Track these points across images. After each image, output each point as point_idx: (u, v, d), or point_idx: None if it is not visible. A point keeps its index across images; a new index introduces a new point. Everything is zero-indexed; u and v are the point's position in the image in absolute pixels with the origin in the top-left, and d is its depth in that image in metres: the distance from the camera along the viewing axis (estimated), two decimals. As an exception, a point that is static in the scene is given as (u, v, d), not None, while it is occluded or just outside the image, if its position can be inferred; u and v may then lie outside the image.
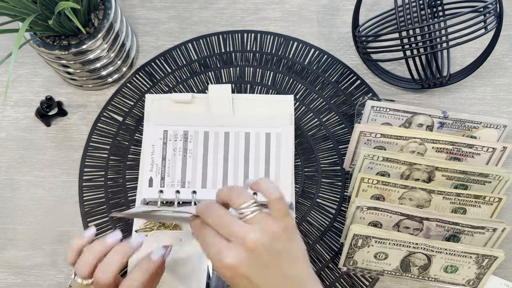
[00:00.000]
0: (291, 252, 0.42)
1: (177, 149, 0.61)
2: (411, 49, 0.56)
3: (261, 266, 0.40)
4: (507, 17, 0.69)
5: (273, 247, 0.40)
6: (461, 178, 0.56)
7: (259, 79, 0.66)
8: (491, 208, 0.56)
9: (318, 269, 0.58)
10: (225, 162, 0.60)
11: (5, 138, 0.64)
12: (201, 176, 0.59)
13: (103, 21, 0.58)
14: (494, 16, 0.56)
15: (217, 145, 0.61)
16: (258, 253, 0.40)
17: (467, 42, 0.55)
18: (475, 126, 0.59)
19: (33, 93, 0.66)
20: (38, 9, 0.51)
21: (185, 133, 0.62)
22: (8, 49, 0.69)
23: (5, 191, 0.62)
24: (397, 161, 0.56)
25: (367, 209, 0.54)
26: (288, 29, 0.69)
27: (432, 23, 0.54)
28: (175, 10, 0.70)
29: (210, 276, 0.56)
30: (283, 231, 0.41)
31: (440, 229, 0.55)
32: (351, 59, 0.67)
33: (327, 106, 0.65)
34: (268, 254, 0.40)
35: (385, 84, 0.66)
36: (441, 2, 0.65)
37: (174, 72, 0.67)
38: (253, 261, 0.40)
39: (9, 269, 0.59)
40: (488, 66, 0.67)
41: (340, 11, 0.70)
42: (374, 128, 0.57)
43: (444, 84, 0.62)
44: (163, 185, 0.60)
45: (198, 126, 0.62)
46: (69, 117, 0.65)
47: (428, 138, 0.57)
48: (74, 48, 0.56)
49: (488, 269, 0.54)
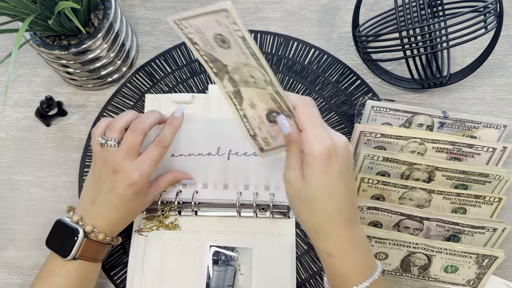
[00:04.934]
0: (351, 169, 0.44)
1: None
2: (411, 49, 0.56)
3: (348, 165, 0.42)
4: (507, 17, 0.69)
5: (352, 159, 0.44)
6: (461, 178, 0.56)
7: (259, 79, 0.66)
8: (491, 208, 0.56)
9: (318, 269, 0.58)
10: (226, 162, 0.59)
11: (5, 138, 0.64)
12: (202, 175, 0.59)
13: (103, 21, 0.58)
14: (494, 16, 0.56)
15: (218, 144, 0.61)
16: (350, 153, 0.42)
17: (467, 42, 0.55)
18: (475, 126, 0.59)
19: (33, 93, 0.66)
20: (38, 9, 0.51)
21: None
22: (8, 49, 0.69)
23: (5, 191, 0.62)
24: (397, 161, 0.56)
25: (367, 209, 0.54)
26: (288, 29, 0.69)
27: (432, 23, 0.54)
28: (175, 10, 0.70)
29: (210, 276, 0.56)
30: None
31: (440, 229, 0.55)
32: (351, 59, 0.67)
33: (327, 106, 0.65)
34: (351, 161, 0.43)
35: (385, 84, 0.66)
36: (441, 2, 0.65)
37: (174, 72, 0.67)
38: (347, 158, 0.42)
39: (9, 269, 0.59)
40: (488, 66, 0.67)
41: (340, 11, 0.70)
42: (374, 128, 0.57)
43: (444, 84, 0.62)
44: (163, 185, 0.60)
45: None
46: (69, 117, 0.65)
47: (428, 138, 0.57)
48: (74, 48, 0.56)
49: (488, 269, 0.54)
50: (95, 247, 0.51)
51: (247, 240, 0.57)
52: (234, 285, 0.56)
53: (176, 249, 0.57)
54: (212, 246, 0.57)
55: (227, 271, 0.56)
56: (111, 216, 0.51)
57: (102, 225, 0.50)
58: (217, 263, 0.56)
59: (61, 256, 0.49)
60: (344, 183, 0.41)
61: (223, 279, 0.55)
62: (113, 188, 0.50)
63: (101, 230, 0.50)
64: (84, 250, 0.49)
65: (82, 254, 0.49)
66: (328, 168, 0.40)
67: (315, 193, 0.41)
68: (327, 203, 0.41)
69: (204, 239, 0.57)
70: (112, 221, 0.51)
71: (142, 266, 0.57)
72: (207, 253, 0.57)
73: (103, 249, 0.52)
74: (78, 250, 0.49)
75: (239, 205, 0.57)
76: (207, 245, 0.57)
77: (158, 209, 0.58)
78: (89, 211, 0.51)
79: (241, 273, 0.56)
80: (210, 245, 0.57)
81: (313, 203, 0.41)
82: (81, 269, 0.50)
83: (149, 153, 0.51)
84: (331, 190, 0.40)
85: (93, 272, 0.52)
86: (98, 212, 0.50)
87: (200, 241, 0.57)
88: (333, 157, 0.40)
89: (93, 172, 0.52)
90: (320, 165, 0.40)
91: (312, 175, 0.40)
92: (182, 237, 0.58)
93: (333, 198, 0.41)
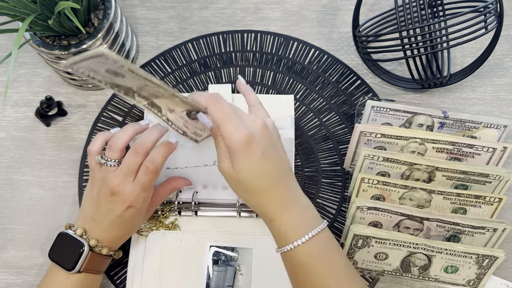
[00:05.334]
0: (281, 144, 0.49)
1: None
2: (411, 49, 0.56)
3: (269, 143, 0.46)
4: (508, 17, 0.69)
5: (276, 133, 0.48)
6: (461, 178, 0.56)
7: (259, 79, 0.66)
8: (491, 208, 0.56)
9: (318, 269, 0.58)
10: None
11: (5, 138, 0.64)
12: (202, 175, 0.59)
13: (103, 21, 0.58)
14: (494, 16, 0.56)
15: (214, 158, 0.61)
16: (269, 132, 0.46)
17: (467, 42, 0.55)
18: (475, 126, 0.59)
19: (32, 93, 0.66)
20: (38, 9, 0.51)
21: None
22: (8, 49, 0.69)
23: (5, 191, 0.62)
24: (398, 161, 0.56)
25: (367, 209, 0.54)
26: (288, 29, 0.69)
27: (432, 23, 0.54)
28: (175, 10, 0.70)
29: (210, 276, 0.56)
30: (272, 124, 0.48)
31: (441, 229, 0.55)
32: (351, 59, 0.67)
33: (327, 106, 0.65)
34: (274, 136, 0.47)
35: (385, 84, 0.66)
36: (441, 2, 0.65)
37: (174, 72, 0.67)
38: (266, 138, 0.45)
39: (9, 269, 0.59)
40: (488, 66, 0.67)
41: (340, 11, 0.70)
42: (374, 128, 0.57)
43: (444, 84, 0.62)
44: (163, 185, 0.59)
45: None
46: (69, 117, 0.65)
47: (428, 138, 0.57)
48: (74, 48, 0.56)
49: (489, 269, 0.54)
50: (99, 260, 0.51)
51: (247, 240, 0.57)
52: (234, 285, 0.56)
53: (176, 249, 0.57)
54: (212, 246, 0.57)
55: (227, 271, 0.56)
56: (113, 233, 0.51)
57: (105, 240, 0.51)
58: (217, 263, 0.56)
59: (65, 269, 0.49)
60: (270, 160, 0.45)
61: (223, 279, 0.55)
62: (112, 209, 0.49)
63: (104, 244, 0.51)
64: (89, 263, 0.50)
65: (87, 267, 0.50)
66: (250, 154, 0.44)
67: (244, 177, 0.45)
68: (256, 182, 0.45)
69: (204, 239, 0.57)
70: (114, 236, 0.51)
71: (142, 266, 0.57)
72: (207, 253, 0.57)
73: (105, 261, 0.52)
74: (83, 264, 0.49)
75: (239, 205, 0.57)
76: (207, 245, 0.57)
77: (158, 209, 0.58)
78: (91, 226, 0.51)
79: (241, 273, 0.56)
80: (210, 245, 0.57)
81: (246, 185, 0.45)
82: (84, 281, 0.50)
83: (140, 179, 0.49)
84: (257, 171, 0.45)
85: (96, 284, 0.53)
86: (100, 228, 0.51)
87: (200, 241, 0.57)
88: (252, 143, 0.44)
89: (92, 190, 0.51)
90: (242, 154, 0.44)
91: (238, 163, 0.44)
92: (182, 237, 0.58)
93: (261, 175, 0.45)
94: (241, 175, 0.45)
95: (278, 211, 0.46)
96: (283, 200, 0.46)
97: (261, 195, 0.46)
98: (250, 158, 0.44)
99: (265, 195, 0.46)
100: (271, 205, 0.46)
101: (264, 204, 0.46)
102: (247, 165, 0.44)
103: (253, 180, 0.45)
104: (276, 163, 0.46)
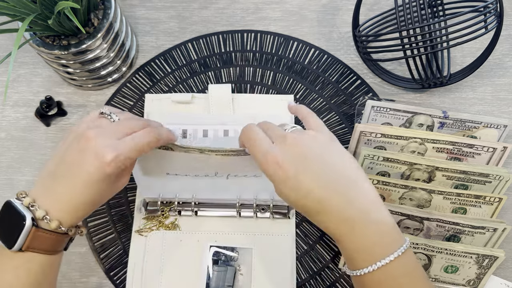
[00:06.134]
0: (333, 148, 0.43)
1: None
2: (411, 48, 0.56)
3: (301, 157, 0.41)
4: (508, 17, 0.69)
5: (313, 143, 0.42)
6: (461, 178, 0.56)
7: (259, 79, 0.66)
8: (491, 208, 0.56)
9: (318, 269, 0.58)
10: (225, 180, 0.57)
11: (5, 138, 0.64)
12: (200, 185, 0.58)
13: (102, 21, 0.58)
14: (494, 15, 0.56)
15: (216, 143, 0.61)
16: (297, 146, 0.42)
17: (467, 42, 0.55)
18: (475, 126, 0.59)
19: (32, 93, 0.66)
20: (38, 9, 0.51)
21: (184, 131, 0.62)
22: (8, 49, 0.69)
23: (5, 191, 0.62)
24: (398, 161, 0.56)
25: (367, 209, 0.54)
26: (288, 29, 0.69)
27: (432, 23, 0.54)
28: (175, 10, 0.70)
29: (210, 276, 0.56)
30: (322, 134, 0.44)
31: (441, 229, 0.55)
32: (351, 59, 0.67)
33: (327, 106, 0.65)
34: (307, 147, 0.42)
35: (385, 84, 0.66)
36: (441, 2, 0.65)
37: (174, 72, 0.67)
38: (293, 154, 0.41)
39: (9, 269, 0.59)
40: (488, 66, 0.67)
41: (340, 11, 0.70)
42: (374, 128, 0.57)
43: (444, 84, 0.62)
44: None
45: (198, 125, 0.62)
46: (69, 117, 0.65)
47: (428, 138, 0.57)
48: (73, 48, 0.56)
49: (489, 269, 0.54)
50: (48, 238, 0.41)
51: (247, 240, 0.57)
52: (234, 285, 0.56)
53: (176, 249, 0.57)
54: (212, 246, 0.57)
55: (227, 271, 0.56)
56: (73, 199, 0.41)
57: (60, 210, 0.41)
58: (217, 263, 0.56)
59: (6, 247, 0.41)
60: (310, 175, 0.41)
61: (223, 279, 0.55)
62: (80, 161, 0.41)
63: (55, 216, 0.41)
64: (33, 240, 0.40)
65: (31, 246, 0.40)
66: (284, 177, 0.41)
67: (292, 201, 0.41)
68: (302, 202, 0.41)
69: (204, 239, 0.57)
70: (73, 205, 0.41)
71: (142, 266, 0.57)
72: (207, 253, 0.56)
73: (57, 239, 0.42)
74: (26, 241, 0.40)
75: (239, 205, 0.57)
76: (207, 245, 0.57)
77: (158, 209, 0.58)
78: (47, 189, 0.42)
79: (241, 273, 0.56)
80: (210, 245, 0.57)
81: (297, 207, 0.42)
82: (33, 263, 0.41)
83: (137, 137, 0.43)
84: (299, 192, 0.40)
85: (51, 266, 0.43)
86: (58, 190, 0.41)
87: (200, 241, 0.57)
88: (279, 167, 0.41)
89: (65, 139, 0.43)
90: (276, 180, 0.41)
91: (280, 190, 0.41)
92: (182, 237, 0.58)
93: (305, 196, 0.41)
94: (288, 199, 0.41)
95: (341, 231, 0.41)
96: (344, 218, 0.40)
97: (317, 214, 0.41)
98: (285, 183, 0.41)
99: (319, 214, 0.41)
100: (329, 224, 0.41)
101: (323, 223, 0.41)
102: (286, 189, 0.41)
103: (299, 202, 0.41)
104: (322, 176, 0.41)
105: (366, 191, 0.41)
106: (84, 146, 0.41)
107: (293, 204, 0.42)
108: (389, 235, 0.40)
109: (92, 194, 0.42)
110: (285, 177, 0.41)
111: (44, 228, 0.41)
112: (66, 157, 0.42)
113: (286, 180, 0.41)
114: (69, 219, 0.42)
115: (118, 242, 0.59)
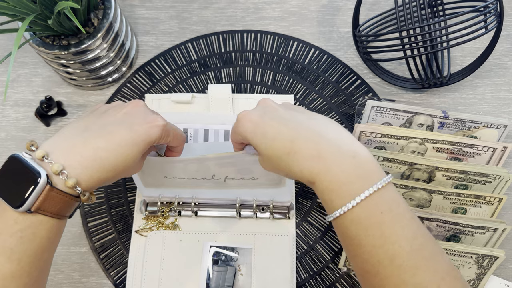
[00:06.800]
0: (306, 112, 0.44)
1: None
2: (411, 48, 0.56)
3: (271, 108, 0.43)
4: (508, 17, 0.69)
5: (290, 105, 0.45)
6: (461, 178, 0.56)
7: (259, 79, 0.66)
8: (491, 208, 0.56)
9: (318, 269, 0.58)
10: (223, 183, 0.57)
11: (5, 138, 0.64)
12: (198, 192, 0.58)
13: (102, 21, 0.58)
14: (494, 15, 0.56)
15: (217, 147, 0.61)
16: (266, 102, 0.43)
17: (467, 42, 0.55)
18: (475, 126, 0.59)
19: (32, 93, 0.66)
20: (38, 9, 0.51)
21: (185, 130, 0.62)
22: (8, 49, 0.69)
23: (4, 191, 0.62)
24: (398, 161, 0.56)
25: (367, 209, 0.54)
26: (288, 28, 0.69)
27: (432, 23, 0.54)
28: (175, 10, 0.70)
29: (210, 276, 0.56)
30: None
31: (441, 229, 0.54)
32: (351, 58, 0.67)
33: (327, 106, 0.65)
34: (277, 104, 0.44)
35: (385, 84, 0.66)
36: (441, 2, 0.65)
37: (174, 72, 0.67)
38: (263, 108, 0.43)
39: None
40: (488, 66, 0.67)
41: (340, 11, 0.70)
42: (375, 128, 0.57)
43: (444, 84, 0.62)
44: (163, 185, 0.59)
45: (198, 125, 0.62)
46: (69, 117, 0.65)
47: (428, 138, 0.57)
48: (73, 48, 0.56)
49: (489, 269, 0.54)
50: (61, 199, 0.37)
51: (247, 240, 0.57)
52: (234, 285, 0.56)
53: (176, 249, 0.57)
54: (212, 246, 0.57)
55: (227, 271, 0.56)
56: (102, 156, 0.37)
57: (80, 165, 0.37)
58: (217, 263, 0.56)
59: (11, 207, 0.36)
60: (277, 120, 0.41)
61: (223, 279, 0.55)
62: (125, 120, 0.39)
63: (73, 173, 0.36)
64: (46, 201, 0.36)
65: (42, 207, 0.36)
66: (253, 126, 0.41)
67: (262, 150, 0.41)
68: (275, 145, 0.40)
69: (204, 239, 0.57)
70: (99, 162, 0.37)
71: (142, 266, 0.57)
72: (207, 253, 0.56)
73: (70, 203, 0.38)
74: (36, 201, 0.36)
75: (239, 205, 0.57)
76: (207, 245, 0.57)
77: (158, 209, 0.58)
78: (67, 141, 0.38)
79: (241, 273, 0.56)
80: (210, 245, 0.57)
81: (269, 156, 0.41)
82: (40, 227, 0.37)
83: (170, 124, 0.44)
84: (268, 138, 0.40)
85: (57, 233, 0.39)
86: (84, 143, 0.37)
87: (200, 241, 0.57)
88: (249, 120, 0.42)
89: (95, 110, 0.42)
90: (248, 132, 0.42)
91: (255, 144, 0.42)
92: (182, 237, 0.58)
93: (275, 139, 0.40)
94: (260, 148, 0.41)
95: (314, 169, 0.37)
96: (316, 153, 0.37)
97: (287, 156, 0.38)
98: (255, 131, 0.41)
99: (289, 155, 0.38)
100: (301, 164, 0.38)
101: (296, 166, 0.38)
102: (257, 138, 0.41)
103: (270, 148, 0.40)
104: (290, 120, 0.40)
105: (339, 129, 0.40)
106: (131, 110, 0.41)
107: (265, 154, 0.40)
108: (366, 168, 0.37)
109: (124, 156, 0.39)
110: (254, 126, 0.41)
111: (58, 188, 0.37)
112: (107, 116, 0.40)
113: (255, 129, 0.41)
114: (88, 179, 0.38)
115: (118, 242, 0.59)
